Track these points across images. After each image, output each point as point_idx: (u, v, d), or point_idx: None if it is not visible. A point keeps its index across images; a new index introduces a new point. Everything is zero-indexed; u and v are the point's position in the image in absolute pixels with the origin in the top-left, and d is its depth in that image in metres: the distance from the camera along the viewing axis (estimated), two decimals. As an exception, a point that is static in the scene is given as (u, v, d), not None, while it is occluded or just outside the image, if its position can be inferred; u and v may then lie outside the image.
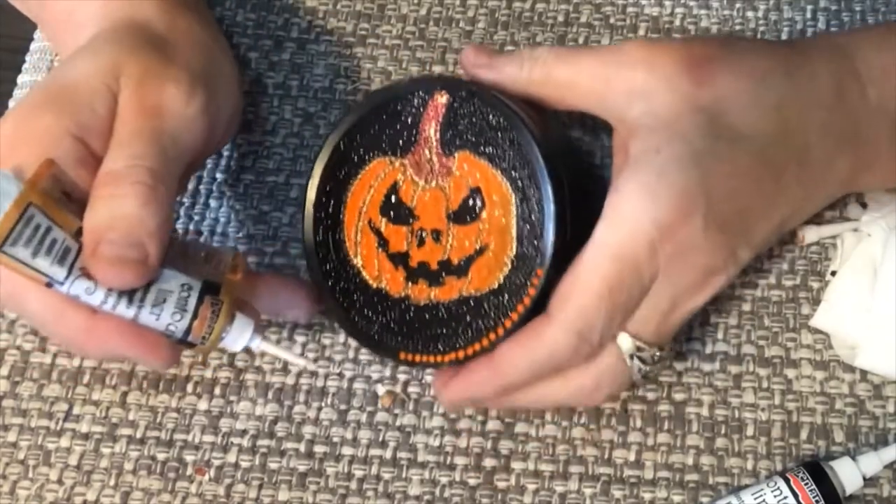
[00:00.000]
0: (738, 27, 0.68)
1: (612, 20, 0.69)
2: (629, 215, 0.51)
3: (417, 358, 0.55)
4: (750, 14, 0.69)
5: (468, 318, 0.54)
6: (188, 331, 0.52)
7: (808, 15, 0.68)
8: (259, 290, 0.56)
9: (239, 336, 0.53)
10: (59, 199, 0.50)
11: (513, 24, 0.69)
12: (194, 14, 0.60)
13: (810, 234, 0.61)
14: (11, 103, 0.68)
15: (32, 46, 0.71)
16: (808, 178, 0.55)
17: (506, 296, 0.53)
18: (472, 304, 0.54)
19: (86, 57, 0.55)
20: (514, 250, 0.53)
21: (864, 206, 0.61)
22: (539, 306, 0.53)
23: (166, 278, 0.51)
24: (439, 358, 0.55)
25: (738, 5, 0.69)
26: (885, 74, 0.55)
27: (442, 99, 0.55)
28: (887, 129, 0.56)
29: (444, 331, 0.55)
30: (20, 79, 0.69)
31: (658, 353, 0.54)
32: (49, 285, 0.49)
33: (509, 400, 0.56)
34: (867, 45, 0.56)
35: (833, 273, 0.60)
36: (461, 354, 0.54)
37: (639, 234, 0.51)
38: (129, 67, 0.54)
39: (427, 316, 0.55)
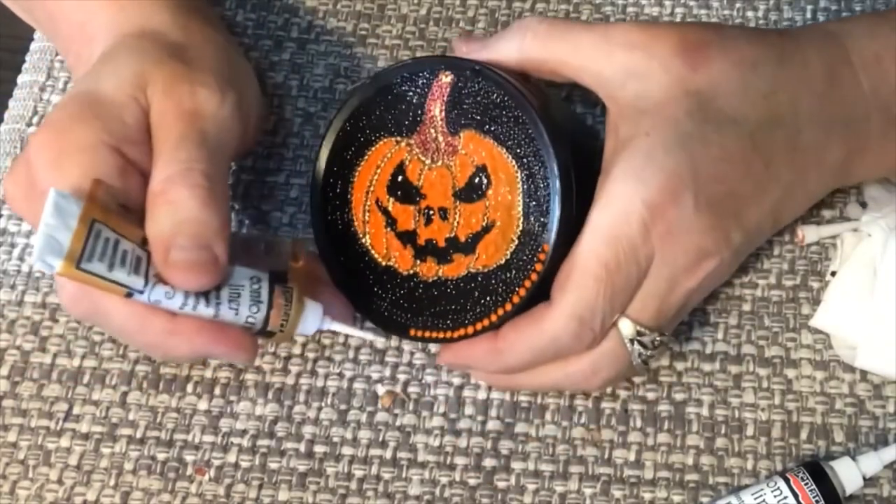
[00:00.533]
0: (738, 27, 0.68)
1: (612, 20, 0.69)
2: (620, 198, 0.52)
3: (427, 334, 0.56)
4: (750, 14, 0.69)
5: (476, 294, 0.55)
6: (266, 321, 0.52)
7: (808, 15, 0.68)
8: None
9: (310, 320, 0.54)
10: (118, 211, 0.51)
11: (513, 24, 0.69)
12: (204, 18, 0.61)
13: (810, 234, 0.61)
14: (11, 103, 0.68)
15: (32, 46, 0.70)
16: (800, 163, 0.55)
17: (513, 272, 0.54)
18: (481, 280, 0.55)
19: (109, 69, 0.55)
20: (521, 227, 0.54)
21: (864, 205, 0.62)
22: (547, 283, 0.53)
23: (235, 274, 0.52)
24: (449, 334, 0.55)
25: (738, 5, 0.69)
26: (878, 61, 0.56)
27: (446, 78, 0.55)
28: (880, 115, 0.56)
29: (454, 307, 0.55)
30: (20, 79, 0.69)
31: (658, 338, 0.54)
32: (129, 295, 0.50)
33: (509, 380, 0.57)
34: (859, 32, 0.57)
35: (833, 273, 0.60)
36: (470, 330, 0.55)
37: (631, 216, 0.52)
38: (156, 77, 0.54)
39: (436, 293, 0.55)
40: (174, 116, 0.53)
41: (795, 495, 0.54)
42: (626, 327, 0.54)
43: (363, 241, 0.57)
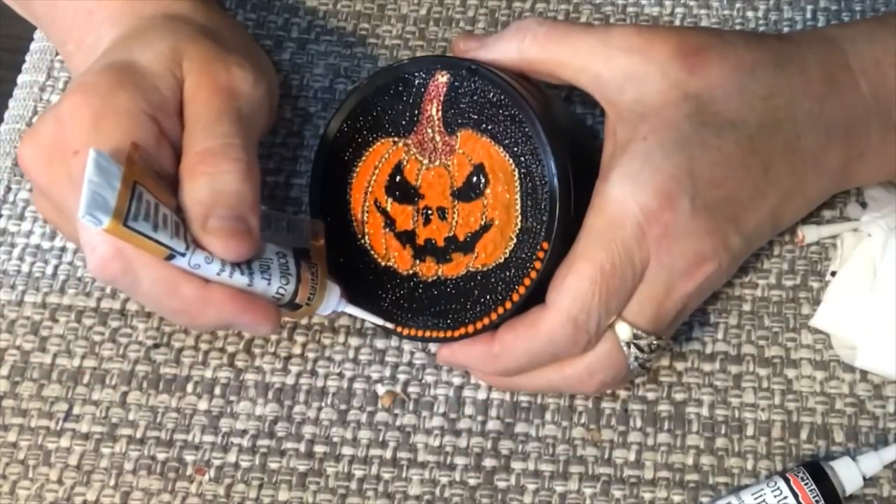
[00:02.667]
0: (738, 27, 0.68)
1: (612, 20, 0.69)
2: (615, 201, 0.52)
3: (427, 334, 0.56)
4: (750, 14, 0.69)
5: (476, 293, 0.55)
6: (295, 293, 0.53)
7: (808, 15, 0.68)
8: None
9: (331, 299, 0.55)
10: (154, 177, 0.51)
11: (513, 24, 0.69)
12: (221, 8, 0.62)
13: (810, 234, 0.61)
14: (11, 103, 0.68)
15: (32, 46, 0.70)
16: (799, 167, 0.55)
17: (512, 270, 0.54)
18: (480, 279, 0.55)
19: (140, 44, 0.55)
20: (519, 225, 0.54)
21: (864, 205, 0.62)
22: (546, 281, 0.53)
23: (262, 248, 0.53)
24: (449, 333, 0.55)
25: (738, 5, 0.69)
26: (877, 66, 0.56)
27: (443, 78, 0.55)
28: (879, 120, 0.56)
29: (454, 306, 0.55)
30: (20, 79, 0.69)
31: (655, 342, 0.54)
32: (170, 258, 0.50)
33: (507, 381, 0.57)
34: (859, 37, 0.57)
35: (833, 273, 0.60)
36: (471, 329, 0.55)
37: (626, 219, 0.52)
38: (191, 53, 0.55)
39: (436, 292, 0.56)
40: (210, 92, 0.54)
41: (795, 495, 0.54)
42: (623, 331, 0.54)
43: (362, 241, 0.57)
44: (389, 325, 0.56)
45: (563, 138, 0.55)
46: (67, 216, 0.53)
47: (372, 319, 0.56)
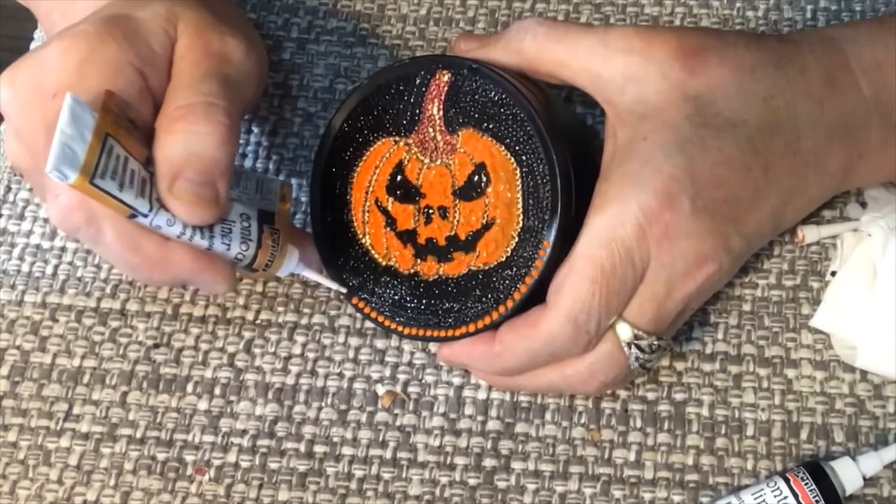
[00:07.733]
0: (738, 26, 0.68)
1: (612, 20, 0.69)
2: (616, 201, 0.52)
3: (429, 333, 0.56)
4: (750, 13, 0.69)
5: (478, 292, 0.55)
6: (254, 259, 0.54)
7: (808, 15, 0.68)
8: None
9: (289, 264, 0.55)
10: (127, 126, 0.51)
11: (513, 24, 0.69)
12: None
13: (810, 234, 0.61)
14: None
15: (32, 47, 0.70)
16: (800, 168, 0.55)
17: (514, 269, 0.54)
18: (482, 278, 0.55)
19: (140, 3, 0.55)
20: (521, 224, 0.54)
21: (863, 205, 0.62)
22: (547, 280, 0.53)
23: (227, 210, 0.53)
24: (450, 332, 0.55)
25: (738, 5, 0.69)
26: (878, 67, 0.56)
27: (444, 77, 0.55)
28: (880, 122, 0.56)
29: (455, 306, 0.55)
30: (20, 79, 0.69)
31: (656, 343, 0.54)
32: (132, 216, 0.50)
33: (508, 381, 0.57)
34: (860, 38, 0.57)
35: (833, 273, 0.60)
36: (472, 328, 0.55)
37: (626, 219, 0.52)
38: (188, 17, 0.55)
39: (437, 291, 0.56)
40: (202, 54, 0.54)
41: (795, 495, 0.54)
42: (624, 331, 0.54)
43: (363, 241, 0.57)
44: (343, 290, 0.57)
45: (564, 137, 0.55)
46: (37, 163, 0.52)
47: (328, 284, 0.57)
